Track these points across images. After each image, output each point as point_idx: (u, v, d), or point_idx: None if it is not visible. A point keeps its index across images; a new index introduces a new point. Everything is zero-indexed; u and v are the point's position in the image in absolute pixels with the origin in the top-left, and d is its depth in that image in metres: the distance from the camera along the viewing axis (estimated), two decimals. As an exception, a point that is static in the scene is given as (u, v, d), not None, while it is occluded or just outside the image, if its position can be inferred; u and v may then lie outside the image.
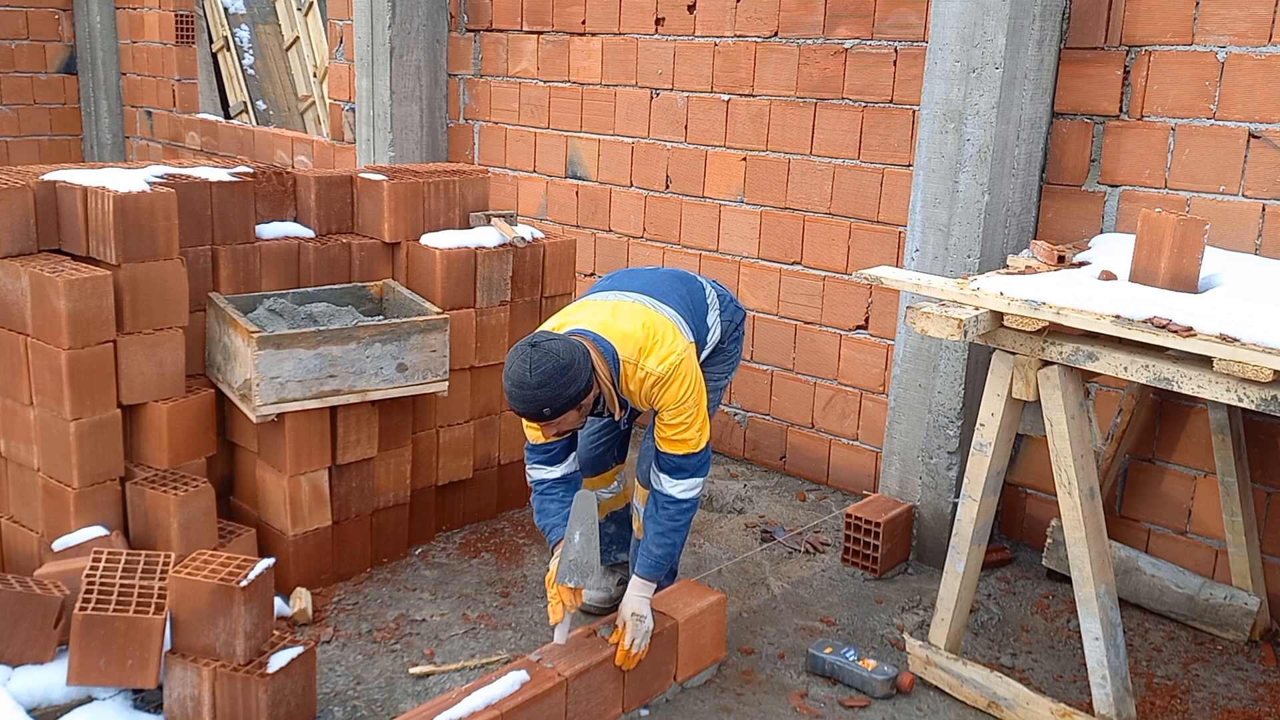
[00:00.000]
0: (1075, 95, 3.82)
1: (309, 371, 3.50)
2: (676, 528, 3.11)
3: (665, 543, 3.10)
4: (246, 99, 8.70)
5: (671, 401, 3.01)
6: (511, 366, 2.84)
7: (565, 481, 3.22)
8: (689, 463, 3.08)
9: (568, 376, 2.81)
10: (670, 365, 2.98)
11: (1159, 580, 3.73)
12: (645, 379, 2.99)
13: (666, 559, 3.12)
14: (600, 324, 3.03)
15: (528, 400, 2.82)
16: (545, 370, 2.79)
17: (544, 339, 2.87)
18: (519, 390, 2.82)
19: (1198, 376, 2.66)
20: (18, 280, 3.31)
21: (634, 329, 3.02)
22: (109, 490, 3.42)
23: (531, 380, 2.79)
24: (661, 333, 3.05)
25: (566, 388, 2.81)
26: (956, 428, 3.95)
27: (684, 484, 3.09)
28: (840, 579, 3.98)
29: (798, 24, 4.54)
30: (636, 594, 3.07)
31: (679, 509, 3.11)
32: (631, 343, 3.00)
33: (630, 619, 3.02)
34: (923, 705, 3.23)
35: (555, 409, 2.84)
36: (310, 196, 4.07)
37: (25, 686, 2.97)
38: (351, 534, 3.82)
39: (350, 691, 3.19)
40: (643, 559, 3.12)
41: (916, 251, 3.94)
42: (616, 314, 3.07)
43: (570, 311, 3.17)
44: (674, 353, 3.01)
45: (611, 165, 5.34)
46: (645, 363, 2.99)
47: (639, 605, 3.05)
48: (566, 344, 2.86)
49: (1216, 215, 3.53)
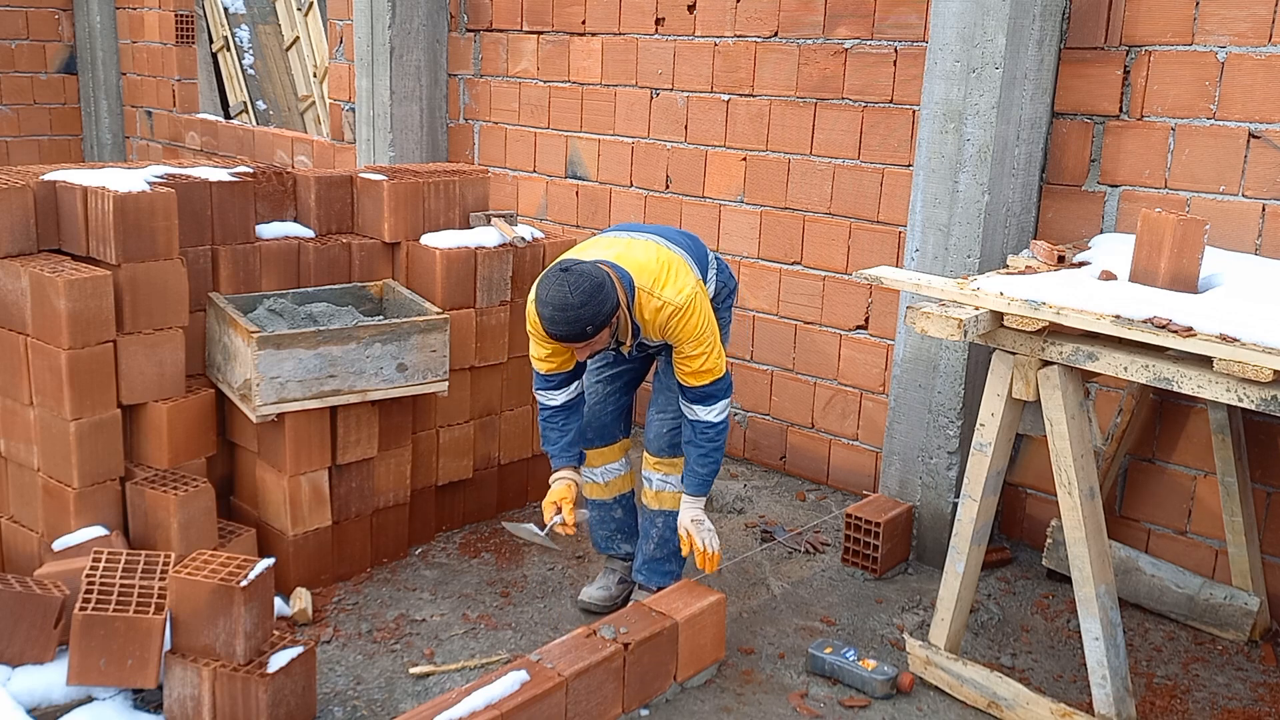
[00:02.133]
0: (1075, 95, 3.82)
1: (309, 371, 3.50)
2: (717, 447, 3.37)
3: (709, 461, 3.37)
4: (246, 99, 8.70)
5: (691, 333, 3.20)
6: (549, 293, 3.01)
7: (567, 408, 3.42)
8: (716, 388, 3.30)
9: (604, 293, 3.01)
10: (687, 297, 3.18)
11: (1159, 580, 3.73)
12: (662, 308, 3.17)
13: (712, 475, 3.41)
14: (616, 255, 3.23)
15: (572, 320, 3.00)
16: (584, 289, 2.98)
17: (572, 264, 3.06)
18: (563, 313, 2.99)
19: (1198, 376, 2.66)
20: (18, 280, 3.31)
21: (649, 260, 3.23)
22: (109, 490, 3.42)
23: (575, 300, 2.97)
24: (675, 267, 3.25)
25: (604, 304, 3.01)
26: (956, 428, 3.95)
27: (716, 407, 3.33)
28: (840, 579, 3.98)
29: (798, 24, 4.54)
30: (690, 509, 3.40)
31: (716, 430, 3.35)
32: (647, 273, 3.19)
33: (692, 525, 3.37)
34: (923, 705, 3.23)
35: (596, 325, 3.03)
36: (310, 196, 4.07)
37: (25, 686, 2.96)
38: (351, 534, 3.82)
39: (350, 691, 3.19)
40: (690, 480, 3.40)
41: (916, 251, 3.94)
42: (631, 247, 3.28)
43: (583, 247, 3.37)
44: (689, 285, 3.21)
45: (611, 165, 5.34)
46: (663, 293, 3.17)
47: (696, 514, 3.39)
48: (593, 265, 3.08)
49: (1216, 215, 3.53)
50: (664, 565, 3.60)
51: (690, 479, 3.40)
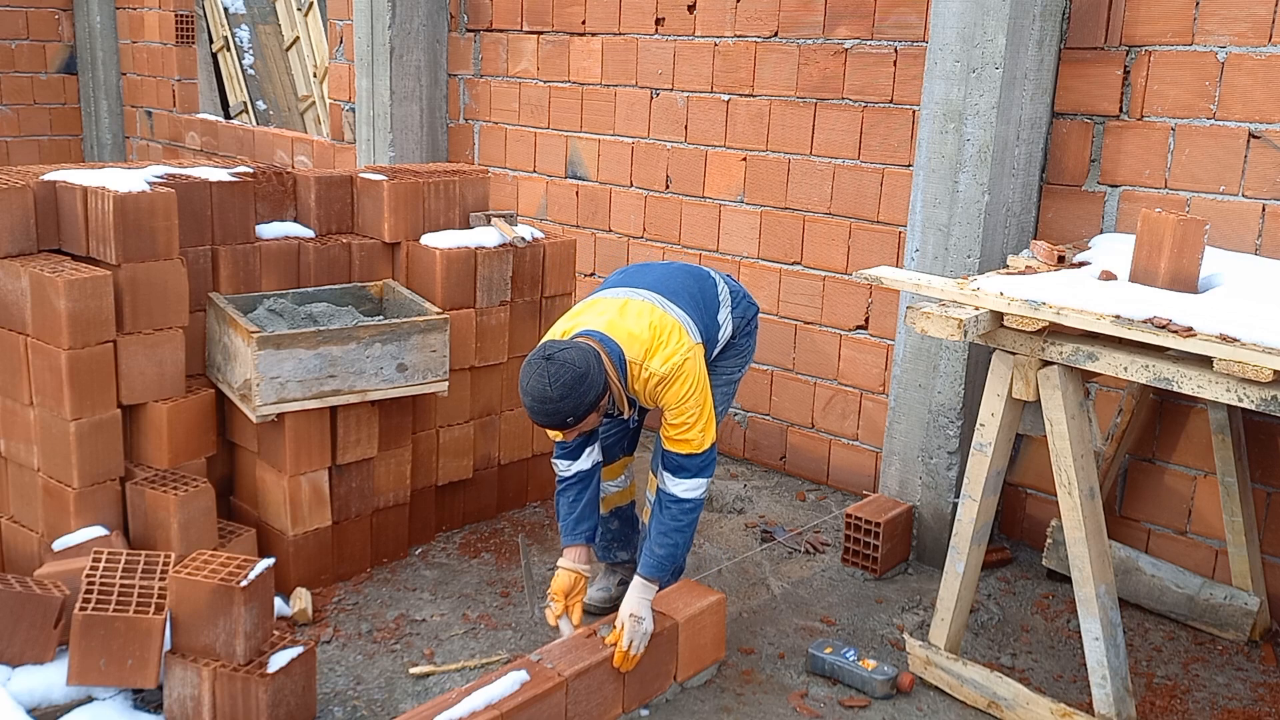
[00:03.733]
0: (1075, 95, 3.82)
1: (309, 371, 3.50)
2: (679, 527, 3.13)
3: (667, 543, 3.12)
4: (246, 99, 8.69)
5: (674, 401, 3.04)
6: (529, 382, 2.87)
7: (584, 478, 3.26)
8: (691, 463, 3.10)
9: (586, 384, 2.85)
10: (673, 366, 3.02)
11: (1159, 580, 3.73)
12: (649, 379, 3.03)
13: (669, 560, 3.12)
14: (607, 324, 3.07)
15: (550, 414, 2.87)
16: (564, 382, 2.83)
17: (556, 350, 2.89)
18: (541, 405, 2.86)
19: (1198, 376, 2.66)
20: (18, 280, 3.31)
21: (640, 330, 3.06)
22: (109, 490, 3.42)
23: (553, 394, 2.83)
24: (668, 333, 3.07)
25: (586, 395, 2.86)
26: (956, 428, 3.95)
27: (686, 483, 3.11)
28: (840, 579, 3.98)
29: (798, 24, 4.54)
30: (637, 595, 3.06)
31: (681, 509, 3.13)
32: (638, 343, 3.04)
33: (629, 620, 3.00)
34: (923, 705, 3.23)
35: (578, 416, 2.89)
36: (310, 196, 4.07)
37: (25, 686, 2.96)
38: (351, 534, 3.82)
39: (350, 691, 3.19)
40: (645, 559, 3.12)
41: (916, 251, 3.94)
42: (624, 314, 3.10)
43: (580, 311, 3.19)
44: (678, 353, 3.04)
45: (611, 165, 5.34)
46: (650, 363, 3.02)
47: (638, 606, 3.04)
48: (579, 351, 2.89)
49: (1216, 215, 3.53)
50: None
51: (645, 558, 3.12)
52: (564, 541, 3.26)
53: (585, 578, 3.22)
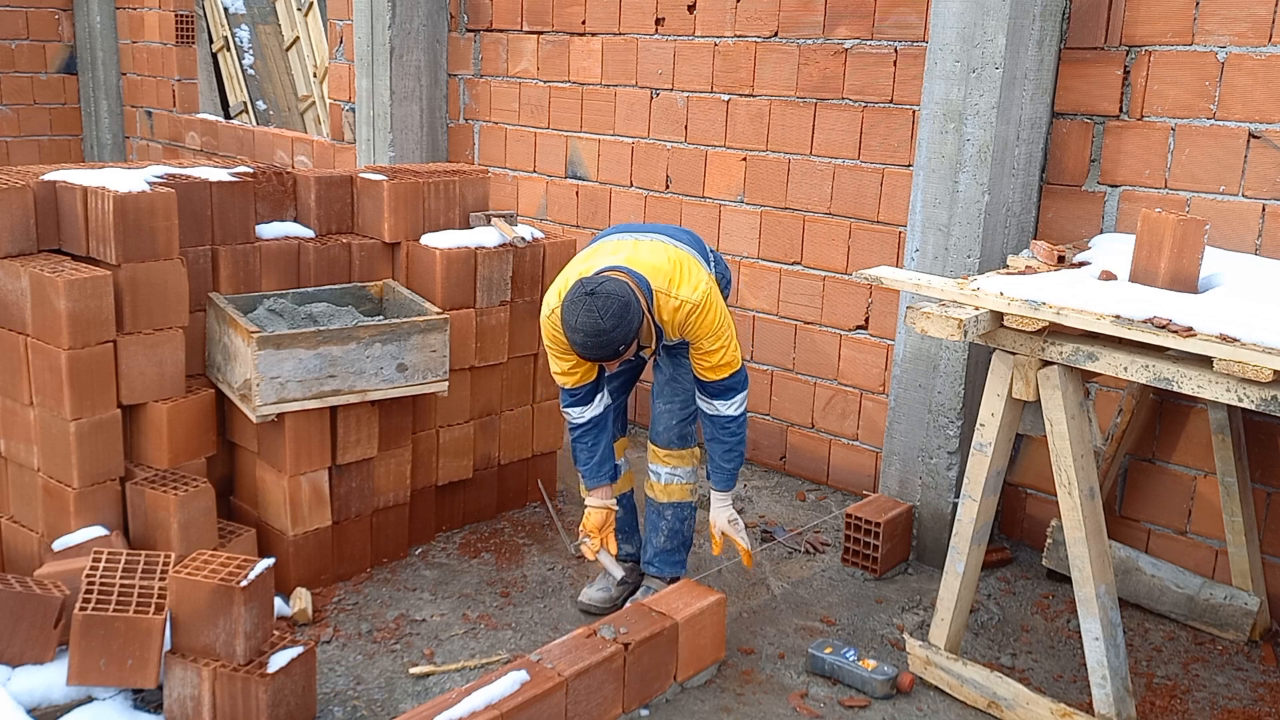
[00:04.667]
0: (1075, 95, 3.82)
1: (309, 371, 3.50)
2: (740, 440, 3.43)
3: (733, 456, 3.43)
4: (246, 99, 8.69)
5: (709, 329, 3.23)
6: (579, 319, 3.01)
7: (598, 421, 3.46)
8: (734, 381, 3.34)
9: (632, 311, 3.04)
10: (704, 293, 3.21)
11: (1159, 580, 3.73)
12: (680, 307, 3.19)
13: (737, 469, 3.47)
14: (627, 259, 3.23)
15: (604, 344, 3.03)
16: (614, 311, 3.00)
17: (595, 285, 3.04)
18: (595, 338, 3.01)
19: (1198, 376, 2.66)
20: (18, 280, 3.31)
21: (660, 261, 3.24)
22: (109, 490, 3.42)
23: (606, 324, 2.99)
24: (687, 264, 3.27)
25: (634, 321, 3.05)
26: (956, 428, 3.95)
27: (736, 399, 3.37)
28: (840, 579, 3.98)
29: (798, 24, 4.54)
30: (721, 505, 3.47)
31: (738, 424, 3.40)
32: (661, 274, 3.21)
33: (729, 526, 3.46)
34: (923, 705, 3.23)
35: (628, 343, 3.06)
36: (310, 196, 4.07)
37: (25, 686, 2.96)
38: (351, 534, 3.82)
39: (350, 691, 3.19)
40: (717, 476, 3.46)
41: (916, 251, 3.94)
42: (639, 249, 3.28)
43: (590, 254, 3.35)
44: (703, 281, 3.24)
45: (611, 165, 5.34)
46: (679, 291, 3.19)
47: (730, 512, 3.48)
48: (615, 282, 3.06)
49: (1216, 215, 3.53)
50: (674, 555, 3.63)
51: (717, 475, 3.46)
52: (588, 484, 3.49)
53: (614, 511, 3.50)
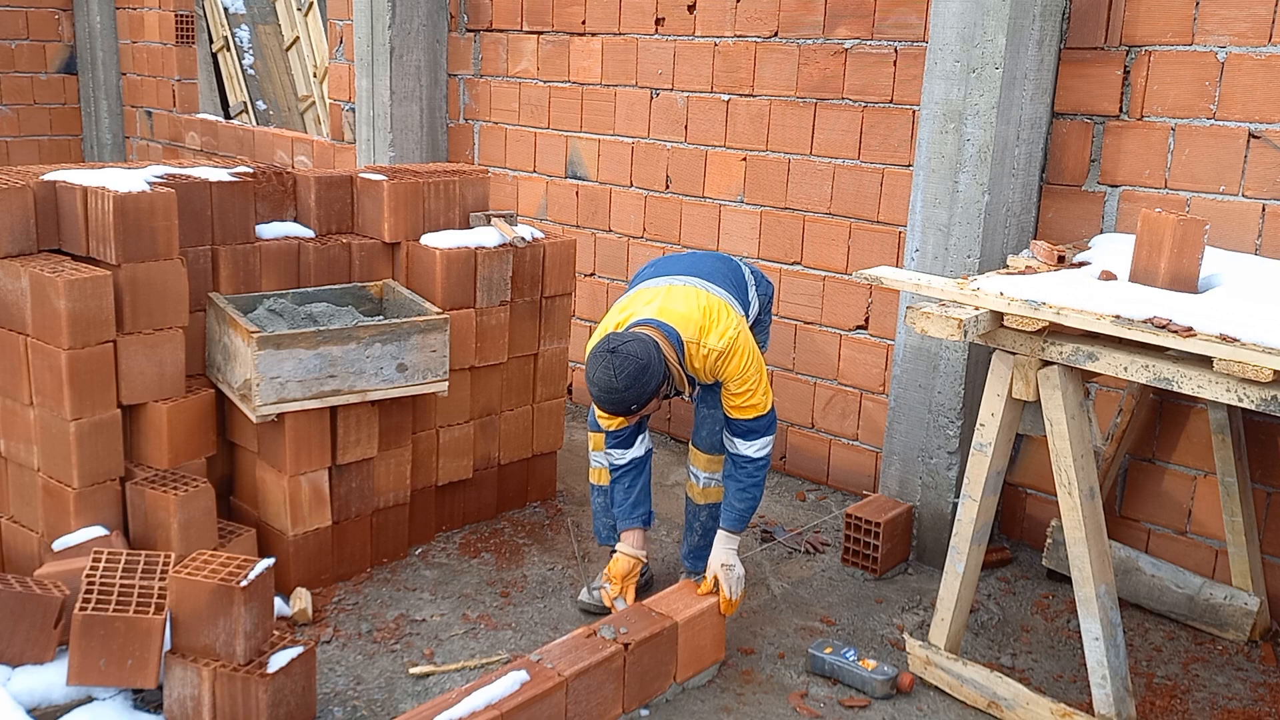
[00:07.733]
0: (1075, 95, 3.82)
1: (309, 371, 3.50)
2: (756, 483, 3.43)
3: (747, 497, 3.42)
4: (246, 99, 8.70)
5: (736, 372, 3.30)
6: (596, 374, 3.15)
7: (638, 464, 3.54)
8: (759, 424, 3.38)
9: (648, 374, 3.12)
10: (729, 340, 3.27)
11: (1159, 580, 3.73)
12: (709, 355, 3.28)
13: (749, 511, 3.44)
14: (659, 310, 3.32)
15: (616, 402, 3.16)
16: (629, 373, 3.09)
17: (619, 343, 3.15)
18: (608, 395, 3.14)
19: (1198, 376, 2.66)
20: (18, 280, 3.31)
21: (691, 310, 3.31)
22: (109, 490, 3.42)
23: (619, 384, 3.11)
24: (717, 311, 3.33)
25: (648, 384, 3.13)
26: (956, 428, 3.95)
27: (757, 444, 3.40)
28: (840, 579, 3.98)
29: (798, 24, 4.54)
30: (723, 546, 3.38)
31: (755, 466, 3.42)
32: (691, 324, 3.28)
33: (721, 570, 3.31)
34: (923, 705, 3.23)
35: (641, 403, 3.17)
36: (310, 196, 4.07)
37: (25, 686, 2.96)
38: (351, 534, 3.82)
39: (350, 691, 3.19)
40: (727, 515, 3.42)
41: (916, 251, 3.94)
42: (671, 298, 3.36)
43: (628, 303, 3.43)
44: (731, 327, 3.30)
45: (611, 165, 5.34)
46: (706, 340, 3.27)
47: (727, 556, 3.36)
48: (640, 343, 3.15)
49: (1216, 215, 3.53)
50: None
51: (727, 513, 3.43)
52: (621, 526, 3.54)
53: (642, 561, 3.52)
